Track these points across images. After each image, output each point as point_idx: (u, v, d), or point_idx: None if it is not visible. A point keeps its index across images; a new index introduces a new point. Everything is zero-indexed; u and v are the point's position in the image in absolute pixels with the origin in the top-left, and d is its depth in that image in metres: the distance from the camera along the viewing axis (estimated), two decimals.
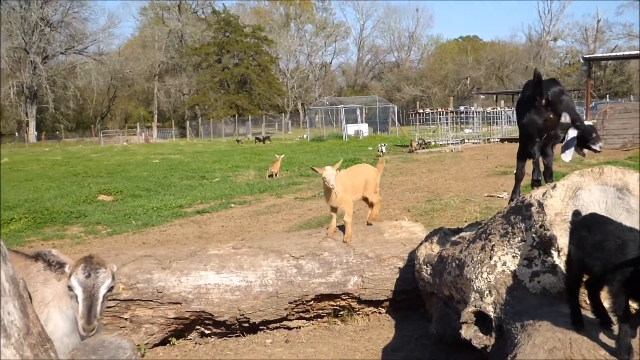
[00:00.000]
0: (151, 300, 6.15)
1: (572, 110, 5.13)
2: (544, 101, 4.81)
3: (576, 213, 3.34)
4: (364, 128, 46.28)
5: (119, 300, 6.01)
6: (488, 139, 31.80)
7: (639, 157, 16.83)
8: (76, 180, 22.53)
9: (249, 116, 72.96)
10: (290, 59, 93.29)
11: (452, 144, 29.52)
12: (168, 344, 6.41)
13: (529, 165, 5.53)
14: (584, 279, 3.27)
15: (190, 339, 6.51)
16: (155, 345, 6.31)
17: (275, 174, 21.20)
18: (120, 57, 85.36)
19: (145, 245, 10.44)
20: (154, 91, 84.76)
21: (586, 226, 3.18)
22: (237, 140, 52.02)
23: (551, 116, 4.90)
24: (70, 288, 3.50)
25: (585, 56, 42.60)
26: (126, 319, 6.08)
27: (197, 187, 19.77)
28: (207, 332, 6.49)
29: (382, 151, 29.15)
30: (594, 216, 3.25)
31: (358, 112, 48.92)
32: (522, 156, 5.51)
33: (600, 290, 3.22)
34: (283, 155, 23.10)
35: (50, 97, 74.90)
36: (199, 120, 75.95)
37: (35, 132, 74.55)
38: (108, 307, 5.69)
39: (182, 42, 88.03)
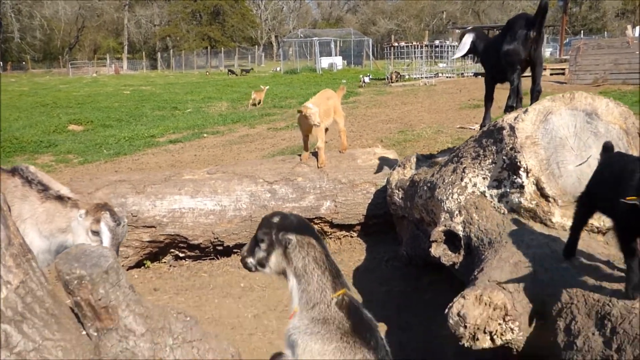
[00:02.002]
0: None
1: None
2: (533, 34, 4.96)
3: (607, 146, 3.15)
4: (338, 61, 45.87)
5: None
6: (462, 74, 31.74)
7: None
8: (45, 110, 22.15)
9: (222, 48, 71.80)
10: None
11: (426, 77, 29.43)
12: (143, 267, 6.50)
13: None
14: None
15: (165, 262, 6.60)
16: (130, 267, 6.39)
17: (260, 102, 21.41)
18: None
19: (119, 173, 10.42)
20: (124, 22, 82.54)
21: (612, 163, 3.04)
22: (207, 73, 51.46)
23: (532, 50, 5.06)
24: (95, 233, 3.54)
25: None
26: None
27: (169, 117, 19.61)
28: (181, 255, 6.58)
29: (364, 81, 29.33)
30: (621, 155, 3.19)
31: (332, 45, 48.38)
32: (492, 82, 5.75)
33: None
34: (268, 87, 23.19)
35: (16, 27, 72.60)
36: (171, 52, 74.53)
37: (0, 63, 72.68)
38: None
39: None
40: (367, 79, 29.89)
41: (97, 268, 2.41)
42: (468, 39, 5.65)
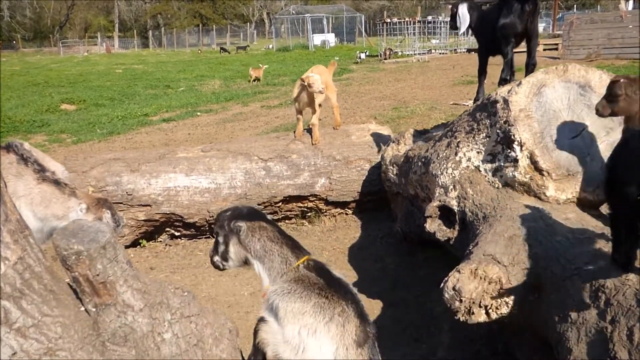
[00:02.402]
0: (121, 203, 6.20)
1: None
2: (530, 7, 4.97)
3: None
4: (331, 38, 45.58)
5: None
6: (455, 50, 31.59)
7: None
8: (37, 90, 21.99)
9: (213, 26, 71.26)
10: None
11: (419, 54, 29.32)
12: (139, 246, 6.52)
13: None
14: None
15: (160, 241, 6.62)
16: (126, 247, 6.39)
17: (258, 79, 21.79)
18: None
19: (113, 152, 10.39)
20: None
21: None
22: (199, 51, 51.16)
23: (529, 23, 5.06)
24: None
25: None
26: None
27: (162, 96, 19.51)
28: (177, 234, 6.59)
29: (360, 58, 29.50)
30: None
31: (325, 22, 48.00)
32: (485, 55, 5.76)
33: None
34: (267, 66, 23.51)
35: (5, 5, 71.94)
36: (162, 30, 73.94)
37: None
38: None
39: None
40: (363, 56, 29.90)
41: (95, 243, 2.41)
42: (464, 9, 5.60)
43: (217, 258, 3.08)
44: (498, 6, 5.25)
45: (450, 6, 5.81)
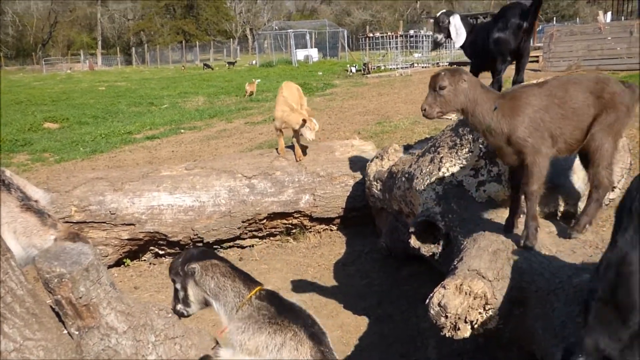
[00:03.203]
0: (104, 222, 6.16)
1: None
2: (526, 25, 4.96)
3: None
4: (314, 53, 45.73)
5: (72, 223, 5.99)
6: (437, 63, 31.79)
7: None
8: (20, 108, 21.86)
9: (197, 42, 71.29)
10: None
11: (401, 68, 29.47)
12: (123, 265, 6.48)
13: None
14: None
15: (144, 260, 6.58)
16: (110, 266, 6.35)
17: (253, 92, 22.34)
18: None
19: (96, 171, 10.34)
20: (97, 16, 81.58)
21: None
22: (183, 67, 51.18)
23: (523, 41, 5.06)
24: None
25: None
26: None
27: (146, 113, 19.46)
28: (161, 252, 6.56)
29: (351, 71, 29.72)
30: None
31: (307, 37, 48.21)
32: (477, 71, 5.69)
33: None
34: (259, 80, 24.05)
35: None
36: (145, 47, 73.85)
37: None
38: None
39: None
40: (354, 69, 30.04)
41: (77, 266, 2.39)
42: (457, 20, 5.49)
43: (179, 306, 3.10)
44: (493, 20, 5.23)
45: (434, 19, 5.65)
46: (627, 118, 3.37)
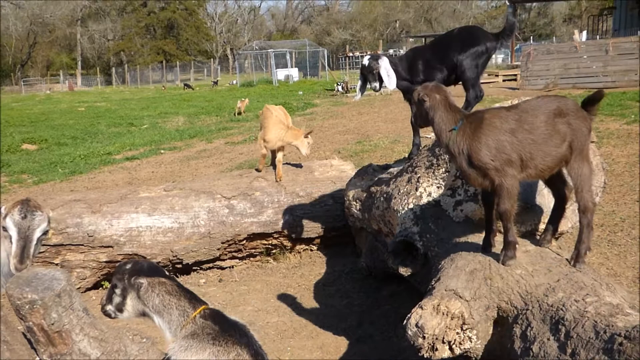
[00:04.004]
0: (82, 245, 6.10)
1: None
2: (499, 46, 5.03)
3: None
4: (294, 73, 45.91)
5: (49, 245, 5.94)
6: None
7: None
8: None
9: (177, 62, 71.26)
10: (219, 2, 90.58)
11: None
12: (101, 288, 6.40)
13: None
14: None
15: None
16: (88, 289, 6.30)
17: (243, 111, 22.85)
18: (40, 1, 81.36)
19: (74, 192, 10.25)
20: (76, 37, 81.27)
21: None
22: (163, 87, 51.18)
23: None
24: (4, 229, 3.45)
25: None
26: (57, 264, 6.01)
27: (126, 134, 19.38)
28: None
29: (338, 90, 29.72)
30: None
31: (288, 57, 48.45)
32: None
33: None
34: (247, 100, 24.34)
35: None
36: (125, 67, 73.63)
37: None
38: (38, 253, 5.62)
39: None
40: (340, 88, 30.12)
41: (49, 291, 2.37)
42: (386, 63, 5.36)
43: (110, 307, 3.07)
44: (446, 44, 5.25)
45: (363, 67, 5.50)
46: (590, 138, 3.40)
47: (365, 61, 5.39)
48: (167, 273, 3.19)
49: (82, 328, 2.48)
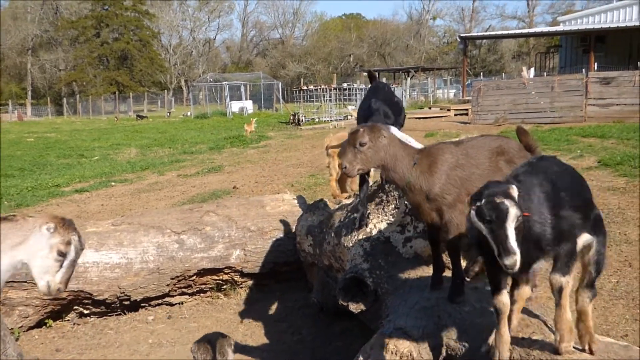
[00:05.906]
0: (25, 282, 5.90)
1: None
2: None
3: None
4: (249, 105, 45.90)
5: None
6: None
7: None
8: None
9: (130, 93, 70.60)
10: (173, 34, 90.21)
11: (335, 120, 29.90)
12: (44, 326, 6.20)
13: None
14: None
15: (68, 320, 6.33)
16: (31, 328, 6.08)
17: (250, 133, 24.02)
18: None
19: None
20: (27, 66, 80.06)
21: None
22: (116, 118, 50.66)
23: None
24: (61, 253, 3.29)
25: (461, 35, 44.63)
26: None
27: (76, 165, 19.03)
28: (86, 312, 6.33)
29: (301, 121, 29.93)
30: None
31: (242, 89, 48.49)
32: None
33: None
34: (254, 121, 25.61)
35: None
36: (77, 98, 72.66)
37: None
38: None
39: (57, 14, 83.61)
40: (303, 118, 30.12)
41: None
42: None
43: None
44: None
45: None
46: None
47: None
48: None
49: None
